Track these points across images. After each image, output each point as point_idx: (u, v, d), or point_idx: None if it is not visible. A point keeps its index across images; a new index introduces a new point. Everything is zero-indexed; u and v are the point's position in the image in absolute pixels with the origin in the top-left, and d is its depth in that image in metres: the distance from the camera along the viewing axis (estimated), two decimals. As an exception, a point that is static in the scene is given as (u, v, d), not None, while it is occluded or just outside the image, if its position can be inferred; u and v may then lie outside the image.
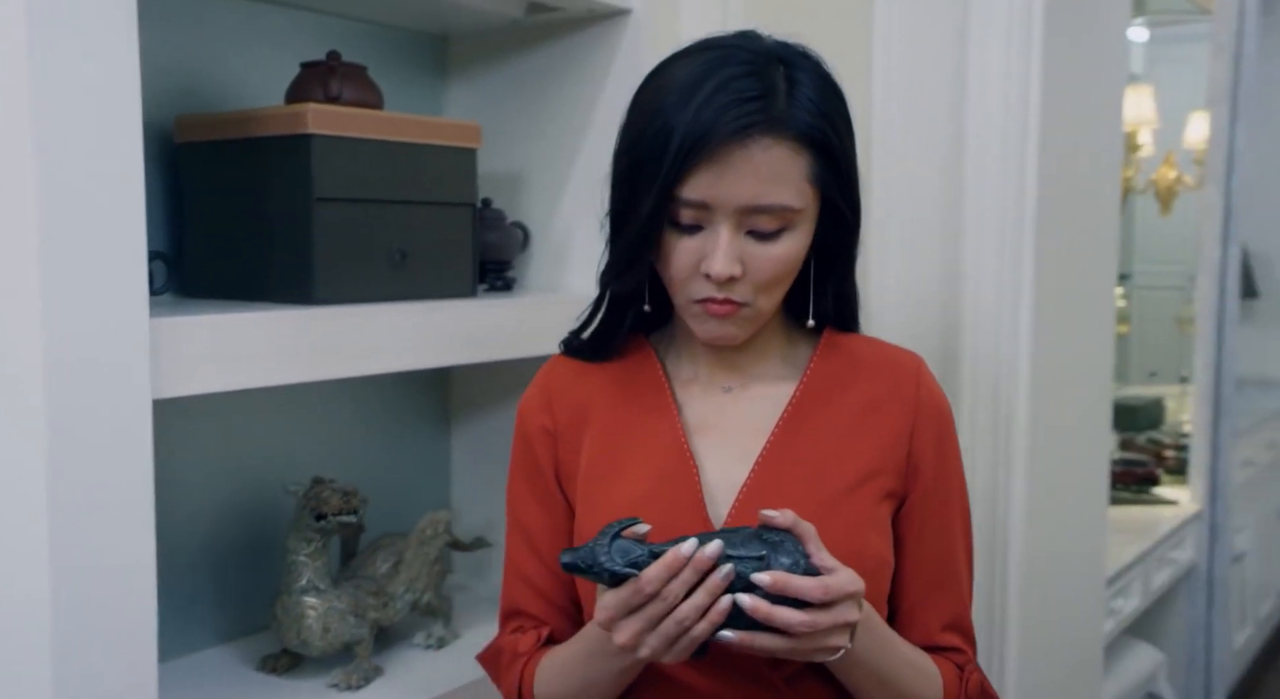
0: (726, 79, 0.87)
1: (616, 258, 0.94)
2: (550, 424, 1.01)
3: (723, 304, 0.91)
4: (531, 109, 1.50)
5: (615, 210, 0.94)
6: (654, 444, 0.97)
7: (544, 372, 1.05)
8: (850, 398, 0.99)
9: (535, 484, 1.02)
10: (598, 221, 1.42)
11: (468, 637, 1.39)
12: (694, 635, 0.80)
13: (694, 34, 1.47)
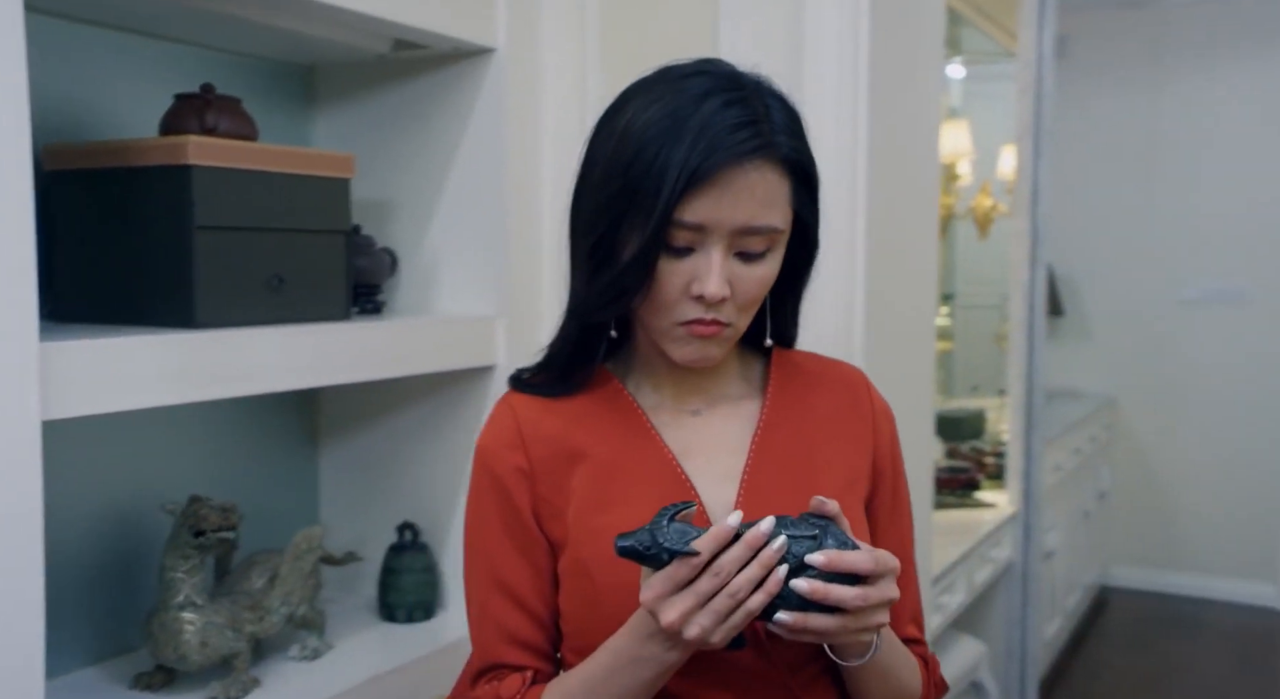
0: (721, 104, 0.88)
1: (606, 286, 0.91)
2: (524, 463, 0.97)
3: (710, 325, 0.91)
4: (399, 139, 1.57)
5: (598, 239, 0.91)
6: (645, 472, 0.96)
7: (504, 411, 1.00)
8: (814, 412, 1.02)
9: (514, 531, 0.97)
10: (465, 247, 1.51)
11: (341, 647, 1.44)
12: (748, 608, 0.81)
13: (554, 72, 1.58)
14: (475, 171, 1.52)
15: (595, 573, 0.93)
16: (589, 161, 0.94)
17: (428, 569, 1.55)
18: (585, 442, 0.97)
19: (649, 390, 1.01)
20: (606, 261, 0.91)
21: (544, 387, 1.00)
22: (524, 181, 1.56)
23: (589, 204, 0.92)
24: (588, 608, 0.94)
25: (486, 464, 0.99)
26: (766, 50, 1.47)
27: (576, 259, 0.95)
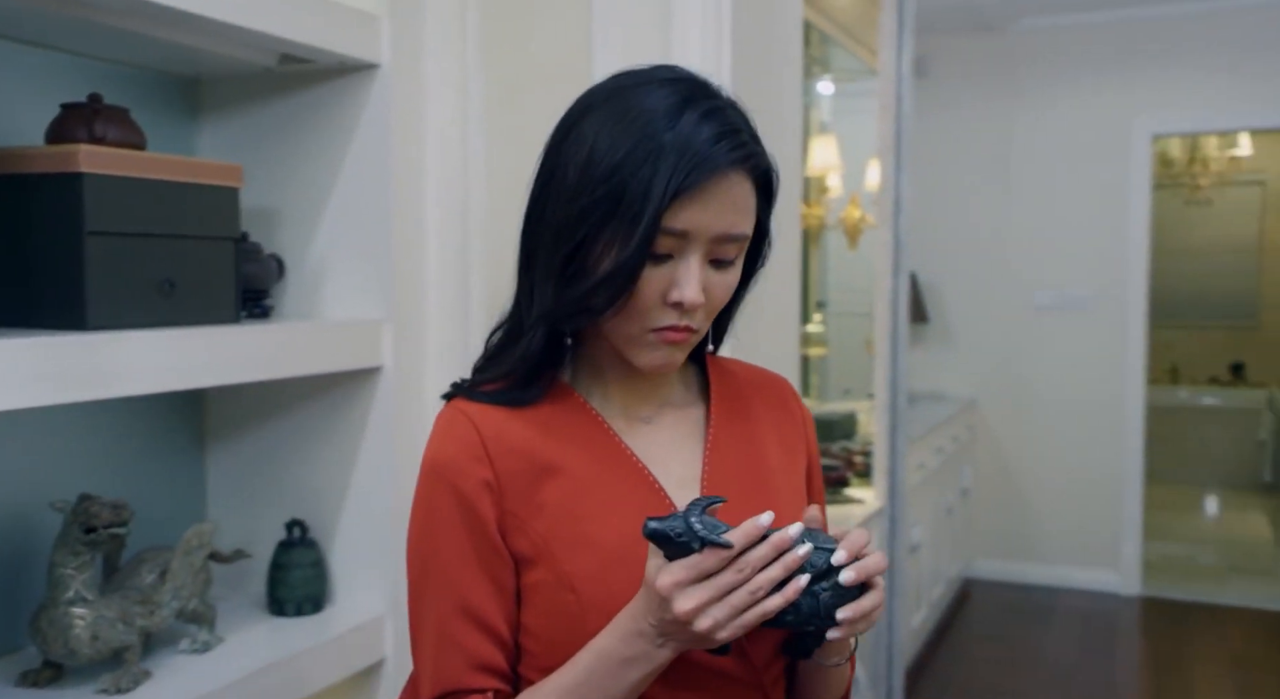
0: (701, 114, 0.89)
1: (585, 294, 0.90)
2: (490, 476, 0.93)
3: (682, 331, 0.92)
4: (286, 150, 1.62)
5: (574, 248, 0.90)
6: (619, 481, 0.95)
7: (460, 422, 0.96)
8: (755, 417, 1.04)
9: (481, 549, 0.93)
10: (351, 254, 1.57)
11: (231, 641, 1.49)
12: (764, 609, 0.82)
13: (437, 86, 1.65)
14: (361, 181, 1.59)
15: (580, 586, 0.91)
16: (554, 170, 0.93)
17: (316, 564, 1.60)
18: (555, 452, 0.95)
19: (600, 398, 1.00)
20: (583, 270, 0.90)
21: (503, 395, 0.96)
22: (408, 191, 1.63)
23: (560, 213, 0.91)
24: (568, 622, 0.91)
25: (447, 479, 0.93)
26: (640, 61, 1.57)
27: (543, 268, 0.93)
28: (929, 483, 4.20)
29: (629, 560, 0.90)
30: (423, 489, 0.96)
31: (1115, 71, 4.87)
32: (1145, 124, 4.85)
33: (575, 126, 0.93)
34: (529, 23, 1.64)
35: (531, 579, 0.93)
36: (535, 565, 0.93)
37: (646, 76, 0.93)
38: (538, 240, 0.94)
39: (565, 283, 0.92)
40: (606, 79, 0.96)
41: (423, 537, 0.95)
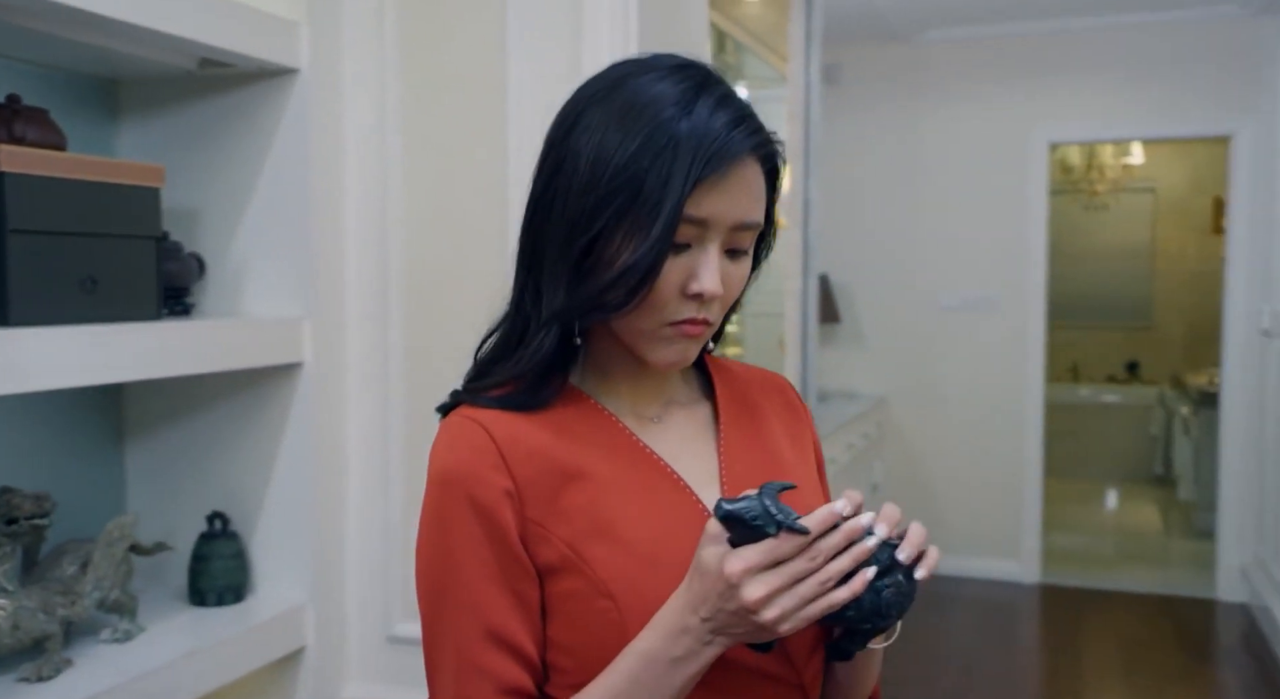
0: (719, 98, 0.87)
1: (605, 288, 0.86)
2: (510, 484, 0.87)
3: (699, 324, 0.90)
4: (206, 151, 1.65)
5: (590, 241, 0.87)
6: (645, 484, 0.92)
7: (471, 429, 0.89)
8: (761, 414, 1.02)
9: (503, 560, 0.87)
10: (271, 252, 1.61)
11: (152, 630, 1.52)
12: (831, 600, 0.79)
13: (355, 91, 1.70)
14: (281, 182, 1.63)
15: (618, 592, 0.86)
16: (560, 164, 0.89)
17: (237, 555, 1.64)
18: (575, 456, 0.90)
19: (608, 399, 0.96)
20: (599, 265, 0.87)
21: (512, 399, 0.91)
22: (328, 192, 1.68)
23: (573, 207, 0.87)
24: (606, 631, 0.86)
25: (463, 489, 0.87)
26: (547, 77, 1.64)
27: (553, 265, 0.89)
28: (840, 477, 4.33)
29: (665, 562, 0.87)
30: (434, 502, 0.89)
31: (1016, 82, 5.08)
32: (1043, 133, 5.07)
33: (580, 119, 0.89)
34: (445, 30, 1.70)
35: (560, 589, 0.87)
36: (563, 574, 0.87)
37: (649, 65, 0.90)
38: (545, 237, 0.90)
39: (580, 279, 0.88)
40: (605, 69, 0.92)
41: (438, 553, 0.88)
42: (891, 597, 0.82)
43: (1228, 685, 3.99)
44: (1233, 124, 4.75)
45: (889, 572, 0.82)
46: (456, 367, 1.68)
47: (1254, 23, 4.65)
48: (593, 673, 0.86)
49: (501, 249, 1.66)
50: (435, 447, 0.91)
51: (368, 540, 1.74)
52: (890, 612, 0.82)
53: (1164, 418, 7.11)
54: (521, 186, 1.62)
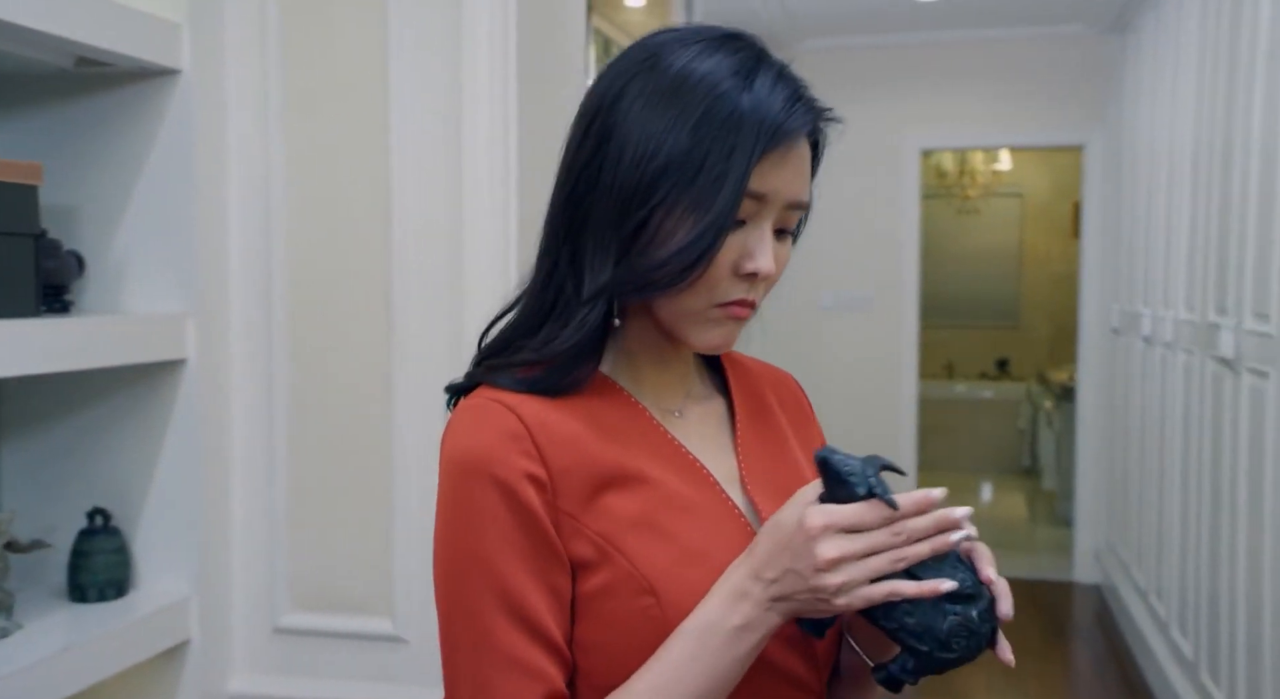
0: (779, 72, 0.86)
1: (662, 262, 0.82)
2: (540, 472, 0.82)
3: (748, 305, 0.87)
4: (86, 149, 1.66)
5: (645, 217, 0.83)
6: (677, 477, 0.88)
7: (499, 411, 0.84)
8: (772, 411, 1.00)
9: (538, 546, 0.81)
10: (154, 250, 1.62)
11: (31, 627, 1.52)
12: (895, 587, 0.76)
13: (238, 93, 1.73)
14: (163, 182, 1.65)
15: (661, 587, 0.82)
16: (608, 135, 0.85)
17: (119, 551, 1.65)
18: (611, 448, 0.86)
19: (634, 389, 0.92)
20: (652, 240, 0.83)
21: (541, 382, 0.86)
22: (211, 191, 1.70)
23: (627, 179, 0.83)
24: (645, 629, 0.81)
25: (487, 471, 0.81)
26: (429, 83, 1.69)
27: (599, 239, 0.85)
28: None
29: (704, 559, 0.83)
30: (454, 490, 0.83)
31: (890, 91, 5.30)
32: (915, 139, 5.30)
33: (626, 89, 0.85)
34: (327, 35, 1.73)
35: (594, 585, 0.82)
36: (597, 570, 0.82)
37: (693, 35, 0.87)
38: (590, 208, 0.85)
39: (629, 254, 0.84)
40: (642, 41, 0.89)
41: (461, 545, 0.82)
42: (956, 627, 0.76)
43: (1081, 660, 4.26)
44: (1086, 134, 5.05)
45: (964, 600, 0.77)
46: (340, 362, 1.73)
47: (1102, 40, 4.96)
48: (623, 675, 0.81)
49: (384, 249, 1.71)
50: (452, 430, 0.85)
51: (253, 533, 1.77)
52: (951, 644, 0.76)
53: (1030, 412, 7.48)
54: (403, 188, 1.69)
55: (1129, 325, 4.39)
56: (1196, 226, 3.28)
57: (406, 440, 1.71)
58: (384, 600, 1.72)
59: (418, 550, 1.71)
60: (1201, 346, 3.15)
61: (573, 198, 0.87)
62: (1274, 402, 2.44)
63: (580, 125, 0.88)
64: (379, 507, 1.72)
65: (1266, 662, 2.45)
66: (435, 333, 1.70)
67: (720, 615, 0.79)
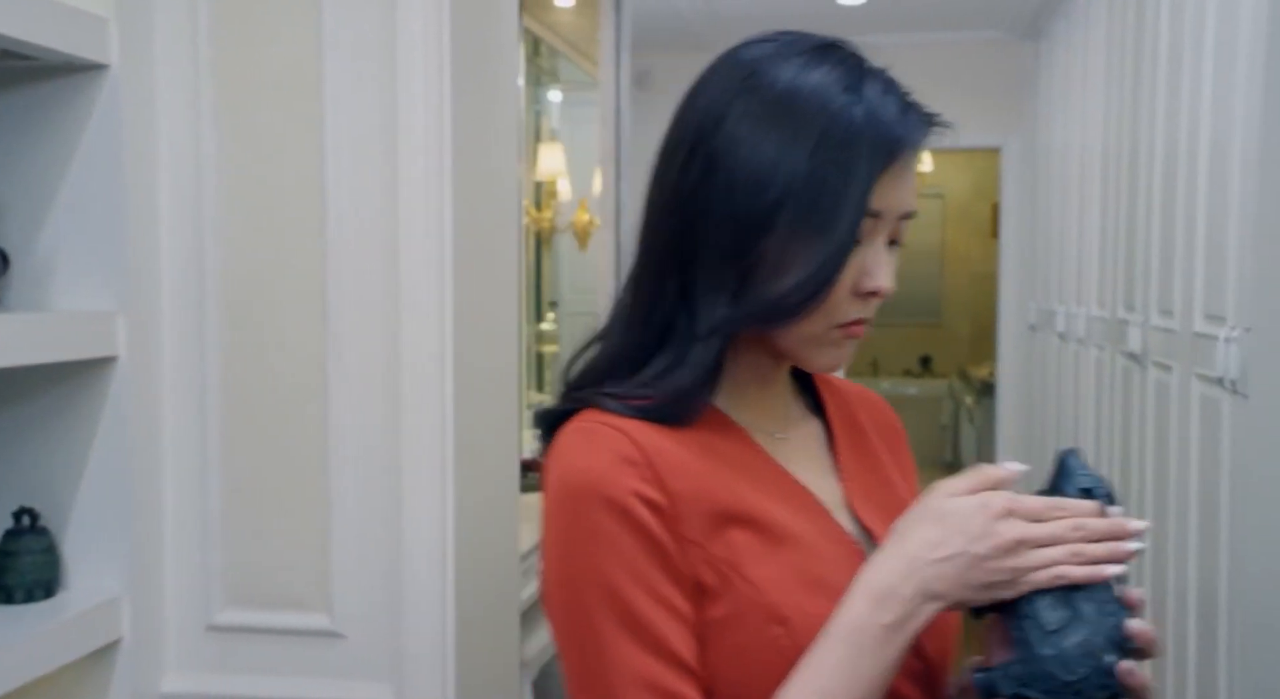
0: (885, 81, 0.84)
1: (790, 290, 0.80)
2: (660, 498, 0.79)
3: (864, 324, 0.85)
4: (11, 144, 1.64)
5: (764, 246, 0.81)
6: (791, 505, 0.86)
7: (612, 435, 0.81)
8: (864, 431, 0.97)
9: (662, 568, 0.78)
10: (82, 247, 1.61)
11: (-42, 628, 1.50)
12: (1063, 571, 0.74)
13: (168, 90, 1.72)
14: (92, 178, 1.63)
15: (792, 617, 0.79)
16: (712, 164, 0.82)
17: (48, 550, 1.63)
18: (727, 477, 0.83)
19: (738, 413, 0.89)
20: (771, 268, 0.81)
21: (656, 410, 0.83)
22: (141, 187, 1.69)
23: (739, 209, 0.80)
24: (772, 661, 0.78)
25: (604, 494, 0.78)
26: (363, 81, 1.70)
27: (713, 272, 0.82)
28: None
29: (828, 587, 0.80)
30: (565, 513, 0.80)
31: (814, 92, 5.40)
32: (839, 141, 5.41)
33: (727, 113, 0.82)
34: (260, 32, 1.73)
35: (717, 614, 0.79)
36: (720, 598, 0.79)
37: (788, 48, 0.84)
38: (699, 241, 0.82)
39: (746, 286, 0.82)
40: (733, 58, 0.86)
41: (577, 567, 0.78)
42: (1080, 652, 0.72)
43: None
44: (1003, 137, 5.21)
45: (1103, 626, 0.73)
46: (275, 359, 1.72)
47: (1018, 46, 5.12)
48: None
49: (319, 248, 1.71)
50: (562, 453, 0.82)
51: (186, 530, 1.76)
52: (1073, 665, 0.72)
53: (952, 408, 7.67)
54: (339, 186, 1.70)
55: (1045, 322, 4.54)
56: (1106, 227, 3.42)
57: (344, 436, 1.71)
58: (321, 596, 1.73)
59: (355, 546, 1.71)
60: (1112, 342, 3.28)
61: (678, 228, 0.84)
62: (1177, 394, 2.56)
63: (678, 151, 0.85)
64: (315, 502, 1.73)
65: (1169, 635, 2.57)
66: (371, 330, 1.71)
67: (867, 616, 0.76)
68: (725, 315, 0.83)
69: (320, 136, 1.70)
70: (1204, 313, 2.36)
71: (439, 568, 1.70)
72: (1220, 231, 2.24)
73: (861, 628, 0.76)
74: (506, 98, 2.06)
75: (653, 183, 0.88)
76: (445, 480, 1.69)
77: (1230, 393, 2.14)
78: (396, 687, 1.71)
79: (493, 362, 1.97)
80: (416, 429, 1.69)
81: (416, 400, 1.69)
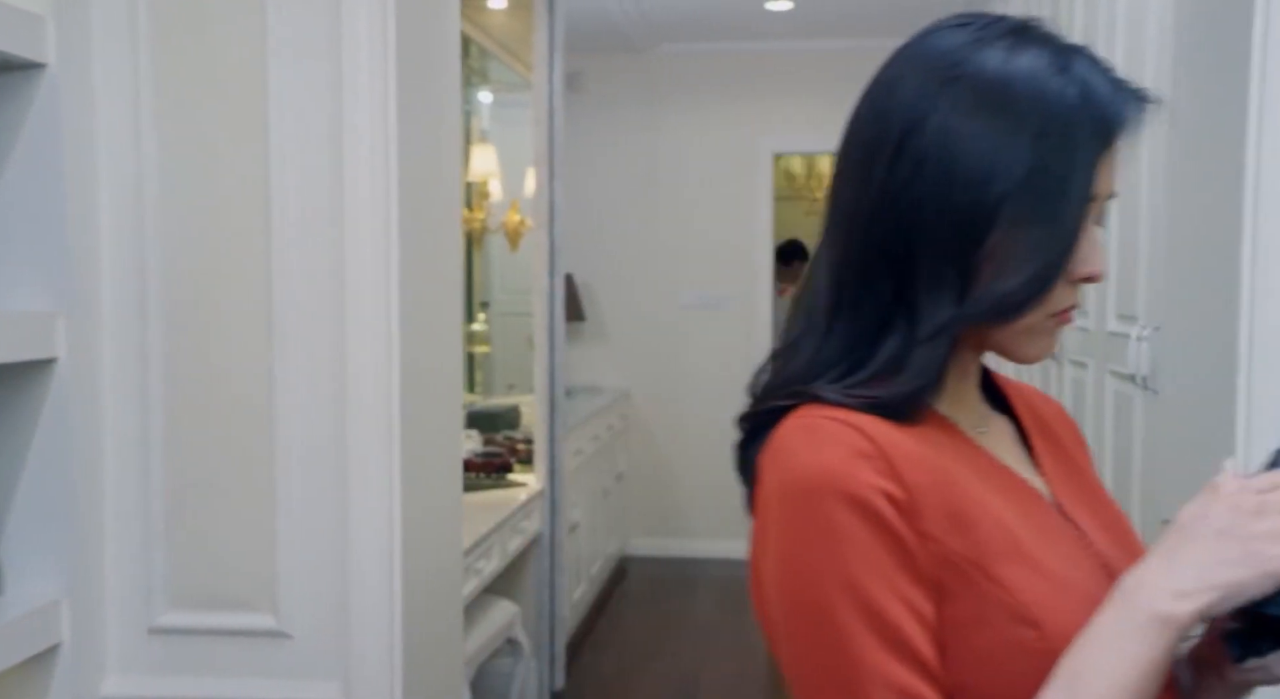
0: (1089, 59, 0.80)
1: (1023, 285, 0.78)
2: (900, 493, 0.75)
3: (1074, 310, 0.83)
4: (-55, 143, 1.61)
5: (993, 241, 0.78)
6: (1017, 500, 0.83)
7: (844, 430, 0.77)
8: (1048, 424, 0.95)
9: (903, 566, 0.74)
10: (20, 248, 1.58)
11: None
12: None
13: (107, 89, 1.71)
14: (29, 177, 1.61)
15: (1043, 618, 0.75)
16: (925, 161, 0.78)
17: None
18: (955, 469, 0.80)
19: (943, 409, 0.86)
20: (996, 265, 0.78)
21: (883, 404, 0.79)
22: (81, 188, 1.67)
23: (959, 207, 0.77)
24: (1022, 666, 0.74)
25: (841, 489, 0.74)
26: (309, 81, 1.71)
27: (933, 273, 0.79)
28: (586, 468, 4.54)
29: (1074, 586, 0.78)
30: (798, 512, 0.76)
31: (743, 95, 5.48)
32: (767, 143, 5.50)
33: (934, 106, 0.78)
34: (201, 28, 1.72)
35: (958, 615, 0.75)
36: (961, 597, 0.75)
37: (990, 32, 0.80)
38: (914, 241, 0.79)
39: (973, 285, 0.79)
40: (929, 47, 0.82)
41: (813, 567, 0.75)
42: None
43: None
44: (926, 141, 5.35)
45: None
46: (220, 360, 1.72)
47: (942, 52, 5.27)
48: None
49: (265, 249, 1.71)
50: (788, 450, 0.78)
51: (128, 532, 1.75)
52: None
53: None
54: (284, 186, 1.70)
55: (966, 322, 4.67)
56: (1025, 229, 3.54)
57: (290, 436, 1.72)
58: (267, 596, 1.73)
59: (301, 545, 1.72)
60: (1030, 340, 3.40)
61: (890, 228, 0.80)
62: (1093, 390, 2.68)
63: (880, 149, 0.81)
64: (261, 503, 1.73)
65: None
66: (318, 331, 1.71)
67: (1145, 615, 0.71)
68: (951, 316, 0.79)
69: (265, 137, 1.71)
70: (1116, 313, 2.48)
71: (386, 566, 1.71)
72: (1131, 234, 2.35)
73: (1126, 635, 0.71)
74: (450, 98, 2.08)
75: (849, 183, 0.83)
76: (392, 479, 1.71)
77: (1142, 389, 2.24)
78: (344, 685, 1.72)
79: (437, 362, 1.98)
80: (363, 429, 1.70)
81: (363, 400, 1.70)
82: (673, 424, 5.61)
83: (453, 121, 2.09)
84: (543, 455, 3.77)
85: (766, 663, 4.26)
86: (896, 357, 0.80)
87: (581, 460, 4.41)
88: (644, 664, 4.11)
